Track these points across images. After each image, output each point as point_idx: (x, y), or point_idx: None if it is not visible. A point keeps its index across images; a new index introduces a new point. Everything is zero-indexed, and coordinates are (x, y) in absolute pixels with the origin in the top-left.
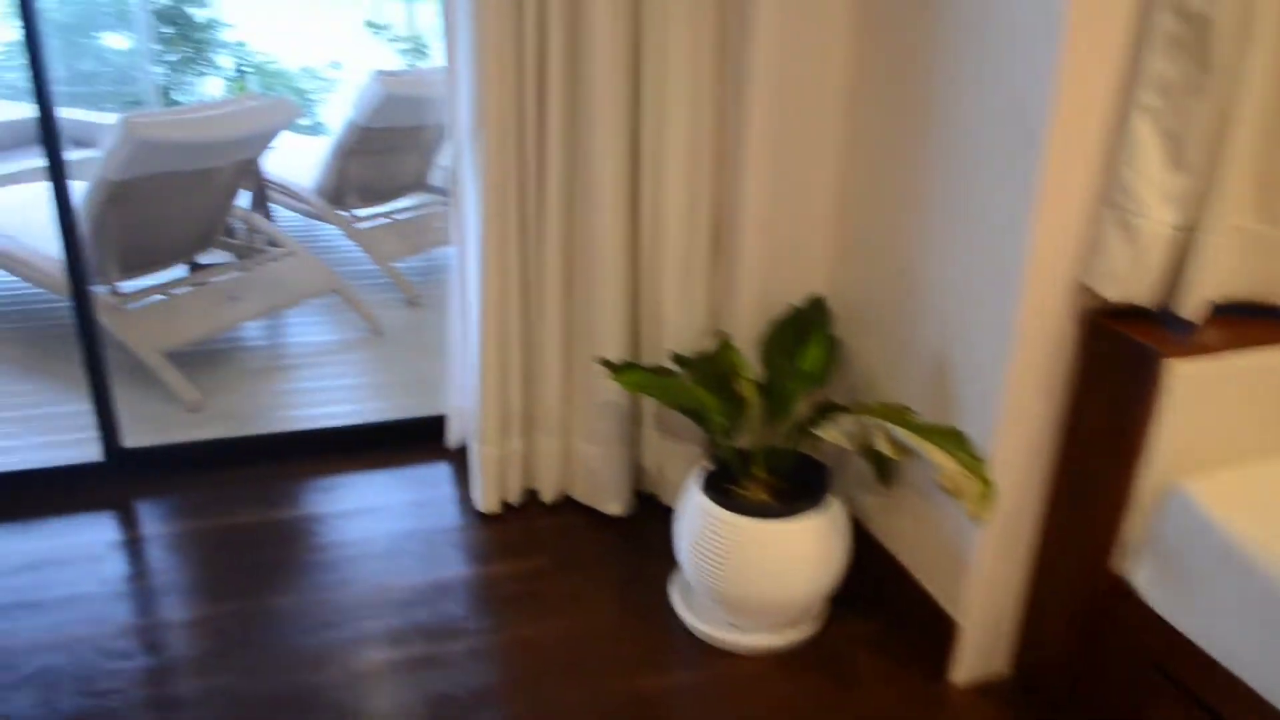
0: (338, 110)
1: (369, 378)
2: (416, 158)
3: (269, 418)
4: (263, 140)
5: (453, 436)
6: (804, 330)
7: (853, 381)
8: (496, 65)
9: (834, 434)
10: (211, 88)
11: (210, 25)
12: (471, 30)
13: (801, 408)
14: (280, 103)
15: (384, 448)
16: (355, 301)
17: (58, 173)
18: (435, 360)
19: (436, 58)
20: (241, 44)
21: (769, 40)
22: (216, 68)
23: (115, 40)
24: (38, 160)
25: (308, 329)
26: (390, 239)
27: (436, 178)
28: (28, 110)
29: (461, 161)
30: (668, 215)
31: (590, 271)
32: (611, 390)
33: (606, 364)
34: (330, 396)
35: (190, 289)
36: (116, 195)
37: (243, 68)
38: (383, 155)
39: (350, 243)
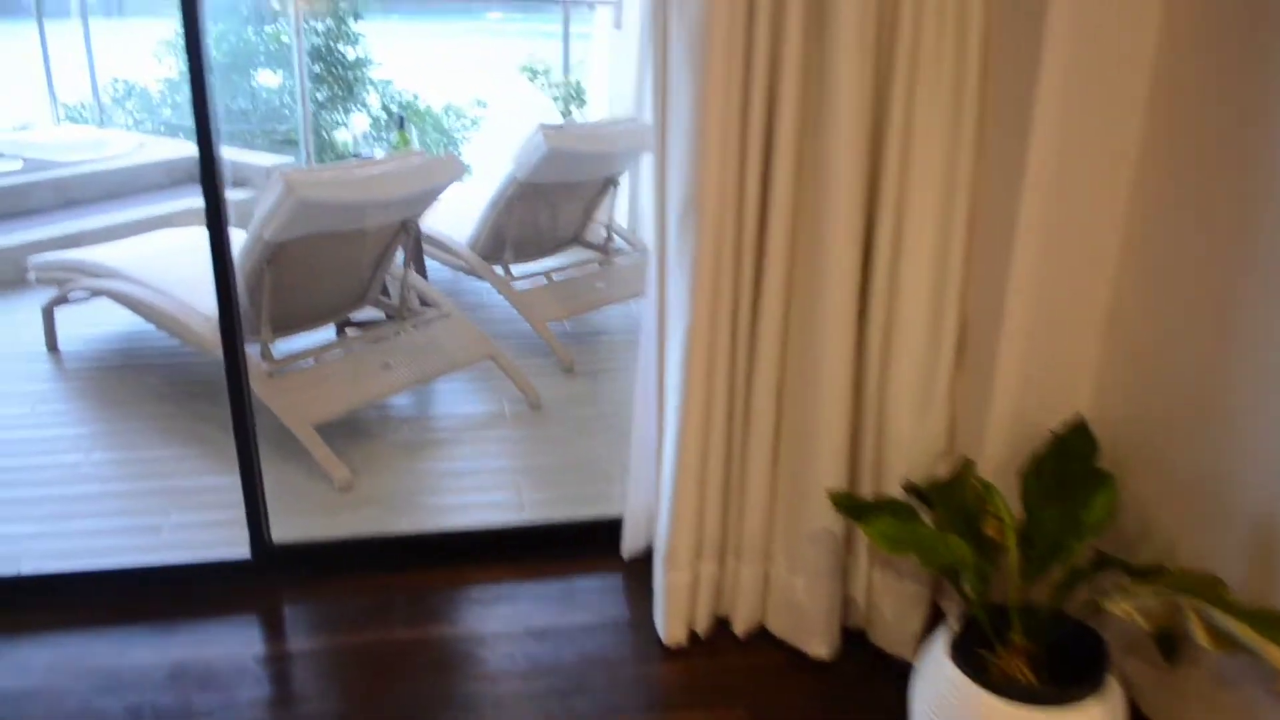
0: (481, 150)
1: (527, 459)
2: (576, 213)
3: (421, 504)
4: (426, 199)
5: (629, 544)
6: (1069, 464)
7: (1125, 529)
8: (719, 137)
9: (1126, 608)
10: (358, 124)
11: (359, 63)
12: (691, 96)
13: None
14: (444, 160)
15: (550, 552)
16: (512, 371)
17: (217, 222)
18: (597, 440)
19: (594, 106)
20: (388, 82)
21: (1049, 126)
22: (363, 105)
23: (266, 78)
24: (187, 202)
25: (459, 398)
26: (547, 300)
27: (594, 234)
28: (181, 149)
29: (666, 243)
30: (904, 318)
31: (808, 377)
32: (825, 516)
33: (844, 505)
34: (486, 480)
35: (341, 354)
36: (273, 255)
37: (401, 115)
38: (541, 211)
39: (498, 299)
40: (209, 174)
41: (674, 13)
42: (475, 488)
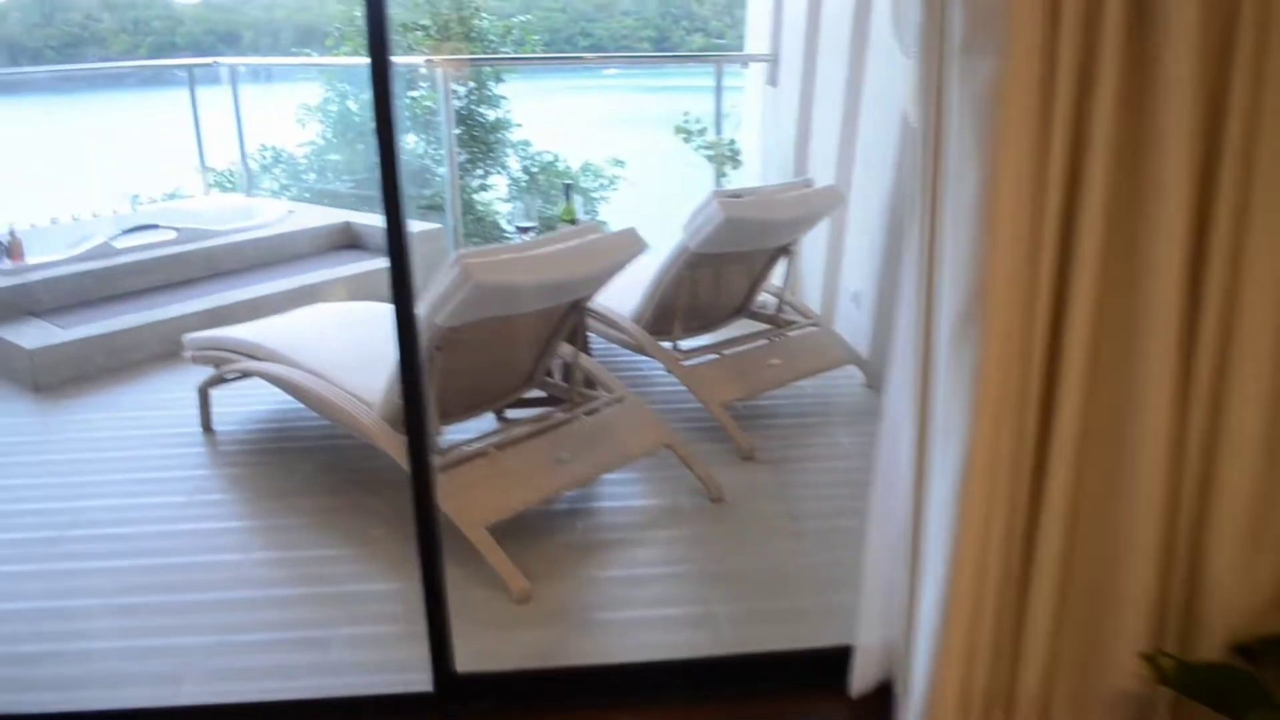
0: (623, 211)
1: (715, 564)
2: (745, 284)
3: (605, 620)
4: (605, 278)
5: (859, 680)
6: None
7: None
8: (1010, 228)
9: None
10: (499, 186)
11: (498, 125)
12: (979, 179)
13: None
14: (624, 236)
15: (761, 685)
16: (691, 460)
17: (404, 301)
18: (789, 544)
19: (749, 167)
20: (527, 143)
21: None
22: (502, 167)
23: (406, 143)
24: (336, 271)
25: (629, 488)
26: (721, 379)
27: (763, 305)
28: (328, 216)
29: (932, 350)
30: (1234, 439)
31: (1108, 511)
32: (1127, 676)
33: (1176, 680)
34: (673, 590)
35: (511, 445)
36: (443, 340)
37: (567, 184)
38: (710, 282)
39: (656, 374)
40: (397, 247)
41: (954, 77)
42: (662, 599)
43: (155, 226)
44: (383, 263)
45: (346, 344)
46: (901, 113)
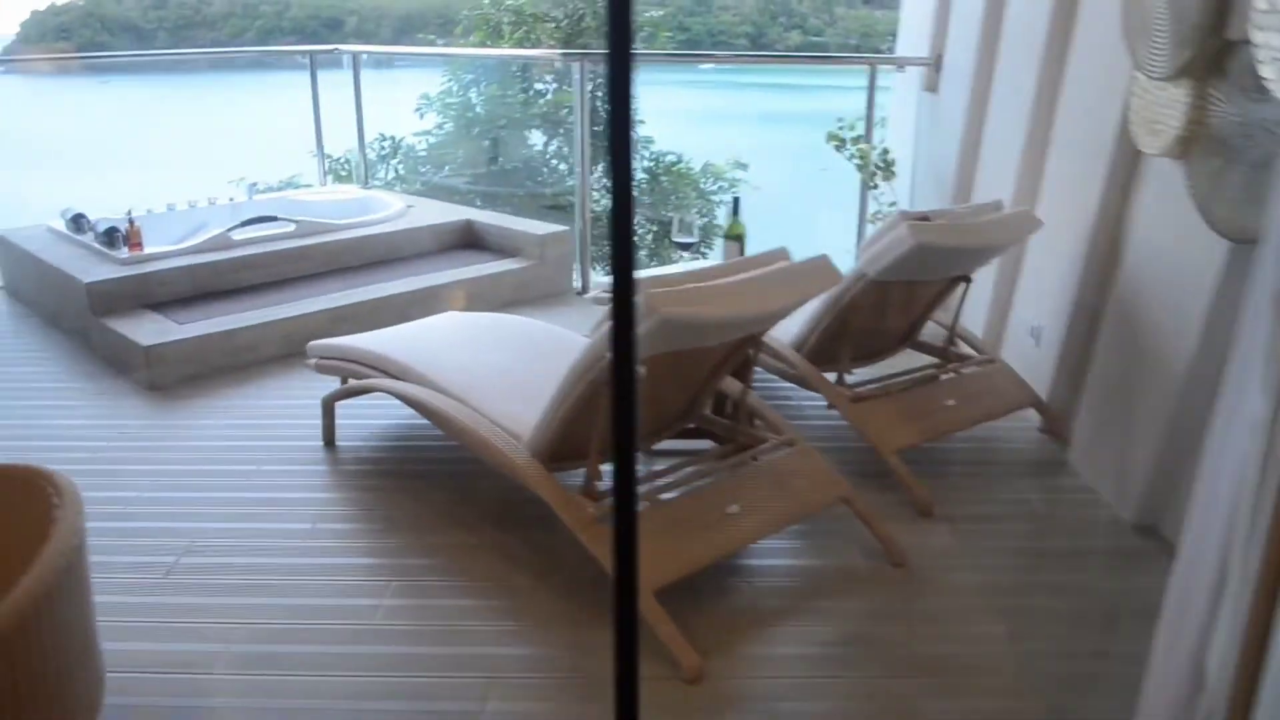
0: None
1: (907, 648)
2: (916, 312)
3: (789, 716)
4: (791, 311)
5: None
6: None
7: None
8: None
9: None
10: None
11: None
12: None
13: None
14: (817, 267)
15: None
16: (870, 517)
17: (624, 338)
18: (994, 626)
19: (901, 177)
20: (650, 140)
21: None
22: None
23: (519, 140)
24: (457, 273)
25: (794, 542)
26: (893, 419)
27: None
28: (449, 212)
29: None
30: None
31: None
32: None
33: None
34: (862, 678)
35: (668, 491)
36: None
37: (736, 197)
38: (879, 311)
39: (807, 408)
40: (622, 257)
41: None
42: (853, 690)
43: (274, 218)
44: (507, 265)
45: (486, 363)
46: (1114, 132)
